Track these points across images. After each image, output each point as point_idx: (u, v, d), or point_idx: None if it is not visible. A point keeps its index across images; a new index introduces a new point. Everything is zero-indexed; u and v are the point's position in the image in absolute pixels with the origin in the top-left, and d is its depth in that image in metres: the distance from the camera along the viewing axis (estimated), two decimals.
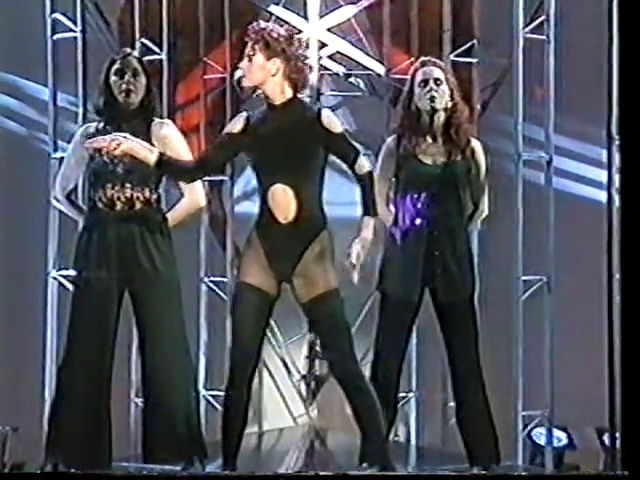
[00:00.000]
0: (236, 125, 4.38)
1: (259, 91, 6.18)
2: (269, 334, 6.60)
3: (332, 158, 4.42)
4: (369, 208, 4.36)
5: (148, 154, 4.30)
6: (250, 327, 4.34)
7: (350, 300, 6.33)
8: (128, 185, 4.52)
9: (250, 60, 4.32)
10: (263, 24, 4.39)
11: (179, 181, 4.57)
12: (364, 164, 4.38)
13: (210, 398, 6.08)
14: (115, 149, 4.27)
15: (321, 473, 4.53)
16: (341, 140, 4.36)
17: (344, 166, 4.45)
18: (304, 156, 4.33)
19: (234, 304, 4.41)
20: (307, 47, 4.43)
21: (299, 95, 4.41)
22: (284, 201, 4.30)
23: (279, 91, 4.35)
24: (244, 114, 4.42)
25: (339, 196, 4.53)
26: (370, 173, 4.39)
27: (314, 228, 4.34)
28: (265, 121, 4.36)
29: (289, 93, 4.36)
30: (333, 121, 4.37)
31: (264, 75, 4.33)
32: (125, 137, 4.29)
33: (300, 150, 4.32)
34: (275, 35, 4.32)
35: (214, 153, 4.40)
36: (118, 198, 4.53)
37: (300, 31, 4.30)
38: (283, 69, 4.33)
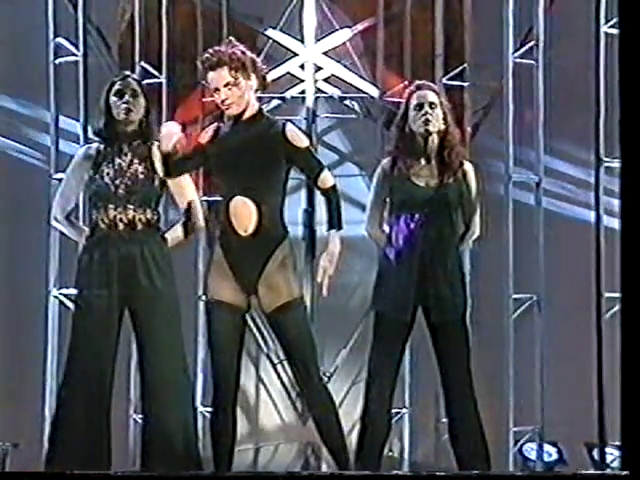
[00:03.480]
0: (206, 136, 4.43)
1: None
2: (266, 351, 6.69)
3: None
4: (334, 222, 4.39)
5: None
6: (227, 344, 4.36)
7: (344, 319, 6.47)
8: (130, 206, 4.56)
9: (236, 86, 4.34)
10: (228, 49, 4.40)
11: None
12: (328, 179, 4.41)
13: (207, 414, 6.13)
14: None
15: (319, 473, 4.58)
16: (306, 155, 4.39)
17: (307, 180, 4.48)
18: (267, 170, 4.35)
19: (208, 323, 4.43)
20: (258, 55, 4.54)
21: (263, 108, 4.45)
22: (244, 214, 4.32)
23: (247, 109, 4.39)
24: (214, 126, 4.45)
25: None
26: (334, 187, 4.42)
27: (274, 239, 4.36)
28: (231, 134, 4.39)
29: (256, 107, 4.41)
30: (298, 136, 4.39)
31: (250, 94, 4.38)
32: None
33: (264, 164, 4.34)
34: (242, 54, 4.39)
35: (183, 161, 4.44)
36: (120, 219, 4.57)
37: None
38: (256, 88, 4.40)
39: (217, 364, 4.40)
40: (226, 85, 4.35)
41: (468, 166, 4.89)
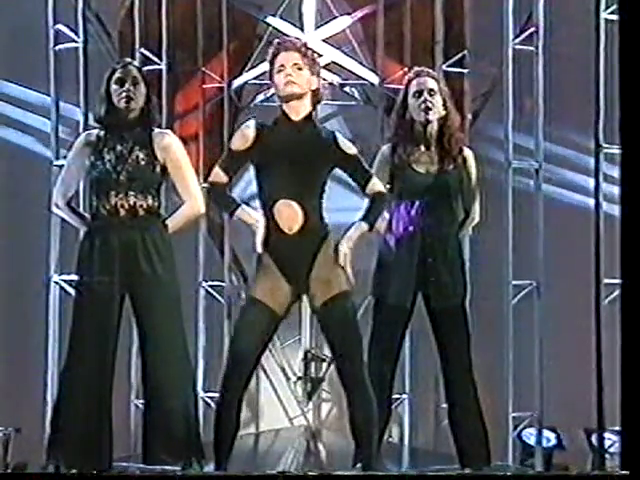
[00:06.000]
0: (248, 135, 4.43)
1: (257, 100, 6.29)
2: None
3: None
4: (371, 219, 4.48)
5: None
6: (252, 342, 4.39)
7: None
8: (132, 193, 4.57)
9: (302, 70, 4.41)
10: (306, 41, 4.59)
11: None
12: (378, 184, 4.52)
13: (208, 400, 6.17)
14: None
15: (319, 473, 4.60)
16: (356, 162, 4.50)
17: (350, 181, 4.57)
18: (314, 172, 4.43)
19: (241, 316, 4.47)
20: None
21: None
22: (291, 215, 4.38)
23: (303, 107, 4.45)
24: (252, 123, 4.46)
25: (337, 203, 4.63)
26: (384, 193, 4.53)
27: (318, 237, 4.42)
28: (281, 134, 4.44)
29: (307, 110, 4.47)
30: (348, 143, 4.51)
31: (308, 88, 4.44)
32: None
33: (311, 166, 4.42)
34: (316, 56, 4.52)
35: (226, 172, 4.47)
36: (122, 206, 4.57)
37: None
38: (315, 88, 4.46)
39: (237, 357, 4.41)
40: (294, 65, 4.43)
41: (468, 152, 4.92)
